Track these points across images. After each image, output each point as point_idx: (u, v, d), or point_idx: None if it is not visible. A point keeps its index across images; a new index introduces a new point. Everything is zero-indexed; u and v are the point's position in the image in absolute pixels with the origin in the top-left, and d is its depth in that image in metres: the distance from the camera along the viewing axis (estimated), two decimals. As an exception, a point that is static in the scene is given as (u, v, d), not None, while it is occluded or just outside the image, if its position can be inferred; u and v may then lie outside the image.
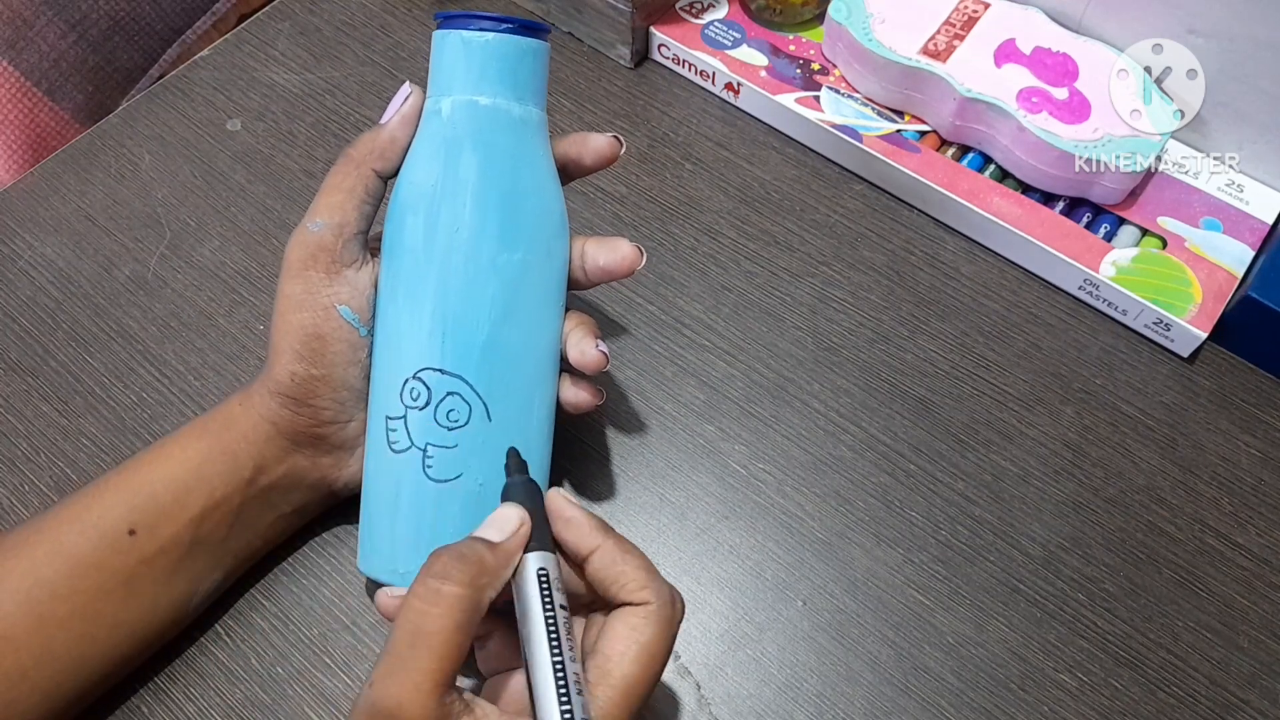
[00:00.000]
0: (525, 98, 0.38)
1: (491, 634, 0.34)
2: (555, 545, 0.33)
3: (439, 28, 0.38)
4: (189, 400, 0.46)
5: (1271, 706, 0.40)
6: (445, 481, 0.37)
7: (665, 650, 0.32)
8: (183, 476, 0.37)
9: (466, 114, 0.37)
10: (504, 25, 0.37)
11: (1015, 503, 0.45)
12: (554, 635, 0.30)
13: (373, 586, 0.42)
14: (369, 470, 0.38)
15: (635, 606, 0.32)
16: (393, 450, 0.37)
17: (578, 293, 0.40)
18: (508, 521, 0.32)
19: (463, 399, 0.36)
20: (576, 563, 0.33)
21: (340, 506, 0.42)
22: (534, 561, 0.32)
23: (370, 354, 0.38)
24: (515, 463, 0.35)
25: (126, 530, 0.36)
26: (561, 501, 0.34)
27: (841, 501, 0.45)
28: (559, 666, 0.30)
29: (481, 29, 0.37)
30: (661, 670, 0.32)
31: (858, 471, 0.45)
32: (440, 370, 0.36)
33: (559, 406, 0.40)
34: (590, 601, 0.34)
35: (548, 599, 0.31)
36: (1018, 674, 0.41)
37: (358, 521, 0.42)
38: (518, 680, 0.34)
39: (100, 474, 0.38)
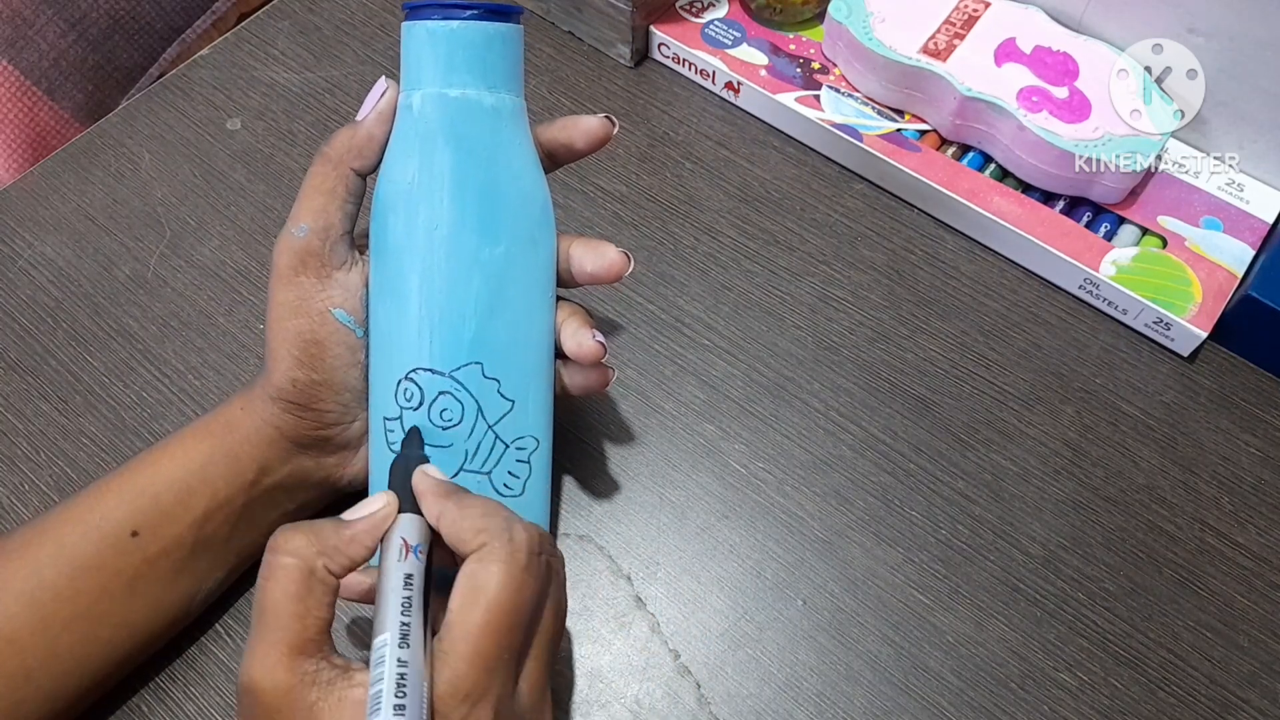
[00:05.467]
0: (497, 85, 0.36)
1: None
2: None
3: (406, 19, 0.37)
4: (189, 399, 0.46)
5: (1271, 706, 0.40)
6: None
7: (514, 590, 0.29)
8: (185, 478, 0.37)
9: (436, 107, 0.36)
10: (468, 12, 0.35)
11: (1015, 502, 0.45)
12: (403, 610, 0.29)
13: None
14: (372, 470, 0.38)
15: (473, 554, 0.30)
16: (392, 450, 0.37)
17: (567, 291, 0.40)
18: (370, 504, 0.32)
19: (455, 398, 0.36)
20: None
21: (341, 503, 0.42)
22: (395, 532, 0.32)
23: (367, 355, 0.38)
24: (411, 438, 0.36)
25: (129, 531, 0.36)
26: (419, 476, 0.33)
27: (841, 501, 0.45)
28: (382, 649, 0.28)
29: (445, 17, 0.36)
30: (520, 612, 0.30)
31: (858, 471, 0.45)
32: (431, 370, 0.36)
33: (569, 392, 0.39)
34: None
35: (395, 568, 0.30)
36: (1018, 673, 0.41)
37: (358, 521, 0.42)
38: None
39: (100, 473, 0.38)
